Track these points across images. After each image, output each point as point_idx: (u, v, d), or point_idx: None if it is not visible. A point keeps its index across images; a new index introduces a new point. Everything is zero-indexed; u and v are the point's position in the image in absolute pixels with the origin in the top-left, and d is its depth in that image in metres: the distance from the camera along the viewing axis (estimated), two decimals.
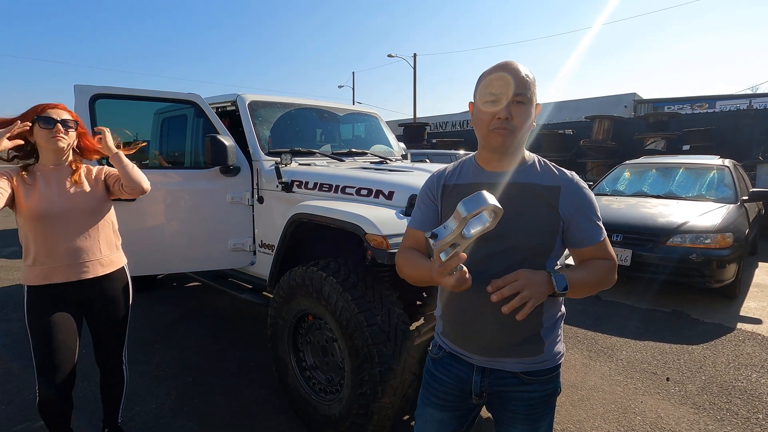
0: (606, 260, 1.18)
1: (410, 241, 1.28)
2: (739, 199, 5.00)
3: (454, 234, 0.88)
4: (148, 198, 2.79)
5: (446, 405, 1.26)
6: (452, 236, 0.88)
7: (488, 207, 0.86)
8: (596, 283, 1.16)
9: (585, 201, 1.15)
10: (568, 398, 2.71)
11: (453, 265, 0.93)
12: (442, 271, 0.94)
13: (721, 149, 8.39)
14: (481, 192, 0.87)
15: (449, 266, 0.93)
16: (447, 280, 0.95)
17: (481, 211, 0.85)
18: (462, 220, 0.85)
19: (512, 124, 1.09)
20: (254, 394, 2.72)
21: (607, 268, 1.17)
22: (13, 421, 2.45)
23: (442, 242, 0.89)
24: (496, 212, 0.88)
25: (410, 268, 1.20)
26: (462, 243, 0.90)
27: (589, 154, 12.21)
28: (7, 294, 4.65)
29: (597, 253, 1.17)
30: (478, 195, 0.87)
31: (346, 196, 2.48)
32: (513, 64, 1.10)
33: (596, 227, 1.15)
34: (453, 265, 0.93)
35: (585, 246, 1.16)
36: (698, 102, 19.99)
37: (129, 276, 2.13)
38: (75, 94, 2.63)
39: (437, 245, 0.90)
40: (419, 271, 1.16)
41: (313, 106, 3.60)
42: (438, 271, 0.95)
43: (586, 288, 1.15)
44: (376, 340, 1.95)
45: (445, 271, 0.94)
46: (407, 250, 1.26)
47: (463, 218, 0.85)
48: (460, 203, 0.86)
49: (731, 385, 2.86)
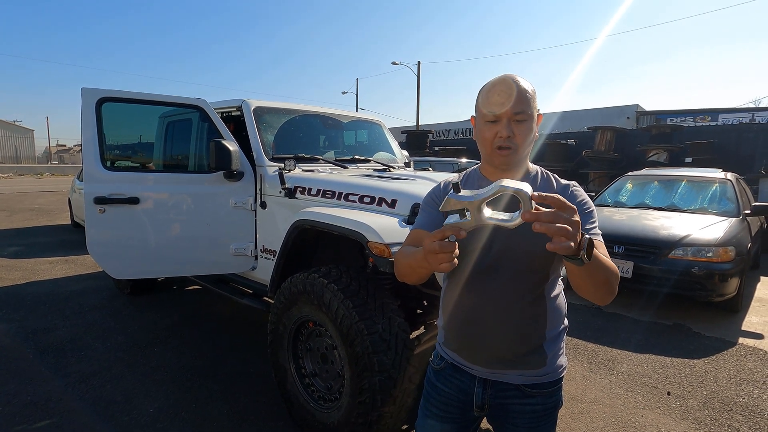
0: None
1: (410, 241, 1.25)
2: (742, 213, 4.99)
3: (479, 199, 0.84)
4: (151, 201, 2.81)
5: (447, 416, 1.26)
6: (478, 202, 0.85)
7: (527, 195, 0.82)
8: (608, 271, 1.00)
9: (581, 207, 1.14)
10: (568, 411, 2.69)
11: (448, 233, 0.88)
12: (436, 235, 0.89)
13: (724, 162, 8.41)
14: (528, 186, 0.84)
15: (444, 233, 0.88)
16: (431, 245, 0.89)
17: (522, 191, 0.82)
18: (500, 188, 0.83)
19: (514, 142, 1.08)
20: (253, 400, 2.71)
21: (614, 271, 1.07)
22: (12, 421, 2.44)
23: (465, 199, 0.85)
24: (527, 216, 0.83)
25: (404, 257, 1.15)
26: (473, 218, 0.86)
27: (591, 164, 12.23)
28: (7, 294, 4.65)
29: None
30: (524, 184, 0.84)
31: (348, 203, 2.49)
32: (512, 79, 1.09)
33: (595, 234, 1.13)
34: (448, 233, 0.88)
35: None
36: (701, 115, 20.05)
37: None
38: (82, 97, 2.65)
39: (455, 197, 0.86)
40: (413, 256, 1.08)
41: (317, 113, 3.62)
42: (433, 234, 0.90)
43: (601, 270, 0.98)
44: (376, 349, 1.94)
45: (436, 237, 0.89)
46: (406, 247, 1.22)
47: (501, 186, 0.82)
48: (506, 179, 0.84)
49: (733, 401, 2.83)
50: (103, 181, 2.69)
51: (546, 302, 1.17)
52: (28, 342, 3.46)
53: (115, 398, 2.68)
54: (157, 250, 2.85)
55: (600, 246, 1.10)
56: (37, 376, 2.94)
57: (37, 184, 24.65)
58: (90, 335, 3.60)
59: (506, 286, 1.13)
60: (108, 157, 2.82)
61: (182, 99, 2.91)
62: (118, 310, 4.21)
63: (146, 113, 3.35)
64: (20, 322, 3.86)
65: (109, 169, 2.75)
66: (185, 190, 2.90)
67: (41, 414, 2.51)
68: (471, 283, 1.16)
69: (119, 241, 2.76)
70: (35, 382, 2.86)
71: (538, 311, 1.16)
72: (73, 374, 2.97)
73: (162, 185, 2.87)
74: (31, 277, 5.30)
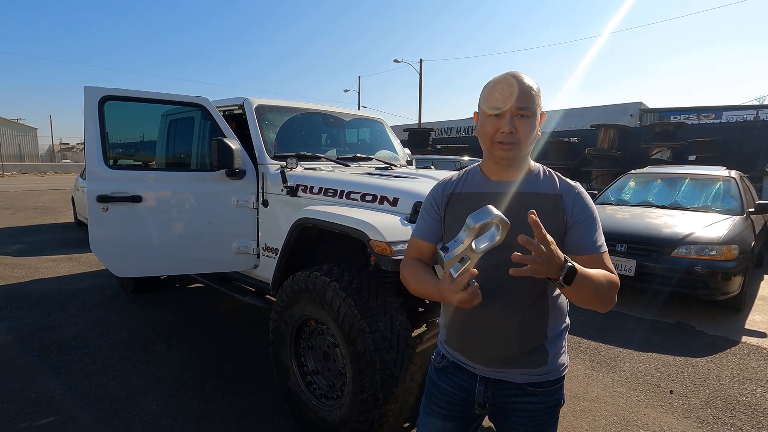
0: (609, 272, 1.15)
1: (414, 251, 1.28)
2: (745, 211, 4.97)
3: (464, 246, 0.90)
4: (154, 199, 2.81)
5: (449, 414, 1.26)
6: (463, 248, 0.90)
7: (496, 218, 0.89)
8: (599, 288, 1.03)
9: (586, 209, 1.14)
10: (570, 409, 2.68)
11: (464, 281, 0.93)
12: (455, 287, 0.94)
13: (728, 160, 8.35)
14: (488, 206, 0.90)
15: (461, 282, 0.93)
16: (459, 296, 0.95)
17: (490, 222, 0.88)
18: (471, 230, 0.88)
19: (516, 137, 1.08)
20: (255, 397, 2.72)
21: (611, 280, 1.09)
22: (16, 418, 2.45)
23: (454, 254, 0.91)
24: (502, 225, 0.90)
25: (416, 283, 1.19)
26: (472, 257, 0.92)
27: (594, 162, 12.18)
28: (11, 291, 4.67)
29: (598, 264, 1.11)
30: (485, 208, 0.90)
31: (350, 201, 2.49)
32: (516, 76, 1.09)
33: (599, 237, 1.14)
34: (464, 281, 0.93)
35: (586, 254, 1.12)
36: (704, 112, 19.94)
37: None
38: (85, 96, 2.66)
39: (448, 257, 0.91)
40: (426, 287, 1.15)
41: (319, 111, 3.62)
42: (450, 288, 0.95)
43: (588, 288, 1.01)
44: (378, 347, 1.94)
45: (457, 288, 0.94)
46: (412, 262, 1.25)
47: (472, 228, 0.88)
48: (468, 216, 0.89)
49: (736, 400, 2.83)
50: (106, 180, 2.69)
51: (547, 301, 1.17)
52: (32, 340, 3.48)
53: (118, 396, 2.70)
54: (159, 248, 2.86)
55: (605, 260, 1.12)
56: (40, 373, 2.96)
57: (40, 182, 24.76)
58: (93, 333, 3.62)
59: (508, 285, 1.13)
60: (111, 155, 2.83)
61: (184, 97, 2.91)
62: (121, 308, 4.22)
63: (148, 112, 3.35)
64: (24, 319, 3.88)
65: (111, 167, 2.75)
66: (187, 188, 2.91)
67: (45, 411, 2.53)
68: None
69: (122, 240, 2.77)
70: (39, 379, 2.88)
71: (539, 310, 1.16)
72: (77, 372, 2.98)
73: (164, 183, 2.88)
74: (35, 275, 5.32)
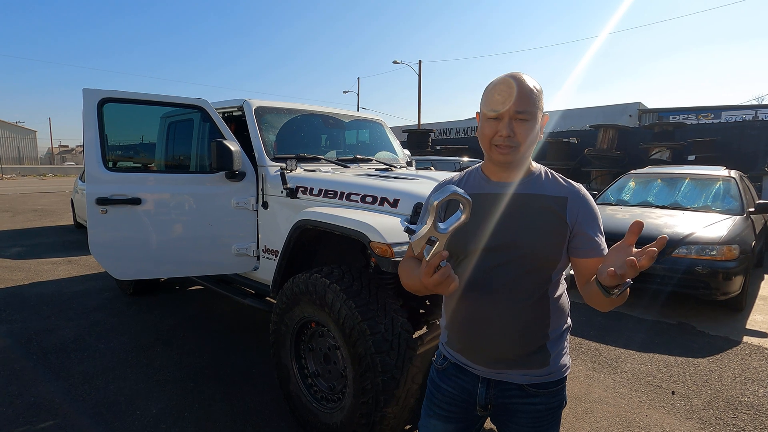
0: None
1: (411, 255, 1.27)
2: (746, 211, 4.97)
3: (427, 226, 0.91)
4: (153, 201, 2.80)
5: (450, 416, 1.25)
6: (426, 228, 0.91)
7: (453, 195, 0.90)
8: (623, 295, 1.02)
9: (591, 212, 1.15)
10: (572, 410, 2.68)
11: (436, 263, 0.94)
12: (428, 270, 0.94)
13: (727, 160, 8.36)
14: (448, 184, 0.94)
15: (432, 265, 0.94)
16: (432, 279, 0.95)
17: (448, 199, 0.90)
18: (431, 208, 0.90)
19: (514, 141, 1.08)
20: (255, 400, 2.71)
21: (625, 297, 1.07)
22: (15, 422, 2.44)
23: (419, 235, 0.92)
24: (464, 203, 0.91)
25: (407, 277, 1.19)
26: (440, 238, 0.93)
27: (593, 163, 12.20)
28: (10, 295, 4.66)
29: None
30: (446, 187, 0.94)
31: (350, 203, 2.48)
32: (517, 77, 1.07)
33: (602, 239, 1.15)
34: (436, 263, 0.94)
35: (592, 257, 1.13)
36: (703, 112, 19.96)
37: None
38: (84, 98, 2.65)
39: (414, 238, 0.93)
40: (414, 279, 1.14)
41: (318, 112, 3.61)
42: (424, 271, 0.95)
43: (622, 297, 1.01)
44: (379, 349, 1.94)
45: (431, 270, 0.94)
46: (408, 260, 1.25)
47: (431, 207, 0.90)
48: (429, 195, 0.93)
49: (738, 400, 2.82)
50: (105, 182, 2.69)
51: (549, 302, 1.17)
52: (31, 343, 3.47)
53: (117, 399, 2.69)
54: (159, 250, 2.85)
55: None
56: (39, 377, 2.95)
57: (39, 184, 24.75)
58: (93, 336, 3.61)
59: (509, 286, 1.13)
60: (110, 157, 2.82)
61: (183, 99, 2.91)
62: (121, 310, 4.21)
63: (147, 114, 3.35)
64: (23, 322, 3.87)
65: (110, 169, 2.75)
66: (187, 190, 2.90)
67: (44, 415, 2.52)
68: (474, 283, 1.15)
69: (121, 242, 2.76)
70: (38, 382, 2.87)
71: (541, 311, 1.16)
72: (76, 375, 2.97)
73: (164, 186, 2.87)
74: (34, 278, 5.31)
